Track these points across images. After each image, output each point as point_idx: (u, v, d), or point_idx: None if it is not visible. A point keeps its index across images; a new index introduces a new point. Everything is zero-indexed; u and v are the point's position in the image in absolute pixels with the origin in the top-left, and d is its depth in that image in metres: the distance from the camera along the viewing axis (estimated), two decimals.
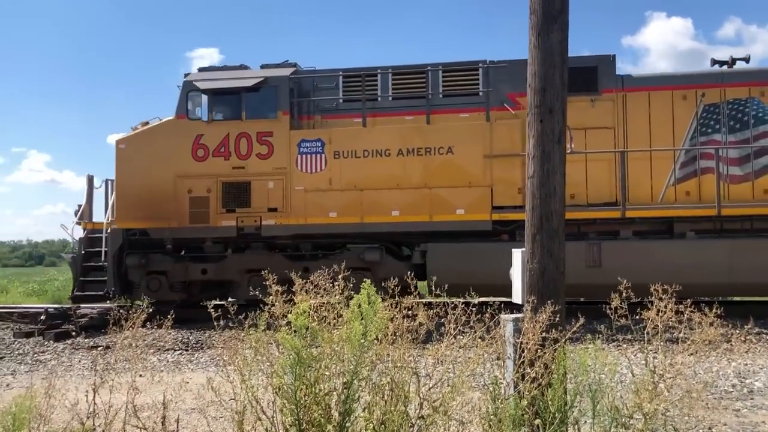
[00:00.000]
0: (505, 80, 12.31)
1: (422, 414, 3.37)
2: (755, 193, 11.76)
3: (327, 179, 12.49)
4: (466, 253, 11.81)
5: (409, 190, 12.20)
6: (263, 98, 12.85)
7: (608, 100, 12.19)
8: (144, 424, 3.71)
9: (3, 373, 9.36)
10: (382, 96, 12.90)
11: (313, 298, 3.45)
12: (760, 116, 11.95)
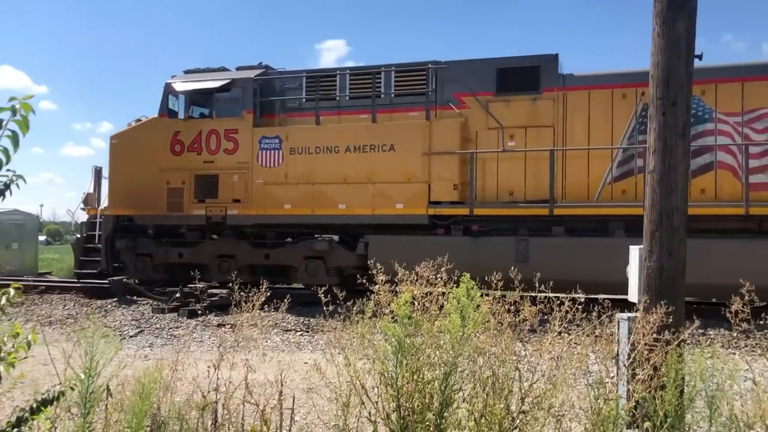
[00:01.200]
0: (452, 80, 12.92)
1: (523, 409, 3.37)
2: (692, 192, 11.01)
3: (283, 174, 13.51)
4: (403, 245, 12.09)
5: (355, 185, 12.95)
6: (230, 98, 14.08)
7: (549, 98, 12.42)
8: (259, 400, 3.94)
9: (142, 345, 10.17)
10: (340, 96, 13.72)
11: (417, 288, 3.53)
12: (699, 115, 11.68)
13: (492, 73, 12.77)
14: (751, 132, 11.53)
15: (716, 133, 11.70)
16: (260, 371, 4.47)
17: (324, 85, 13.80)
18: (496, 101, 12.71)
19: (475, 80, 12.83)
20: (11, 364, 2.47)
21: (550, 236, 12.06)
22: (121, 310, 12.95)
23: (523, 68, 12.55)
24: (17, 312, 12.22)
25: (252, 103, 13.88)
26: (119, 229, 14.85)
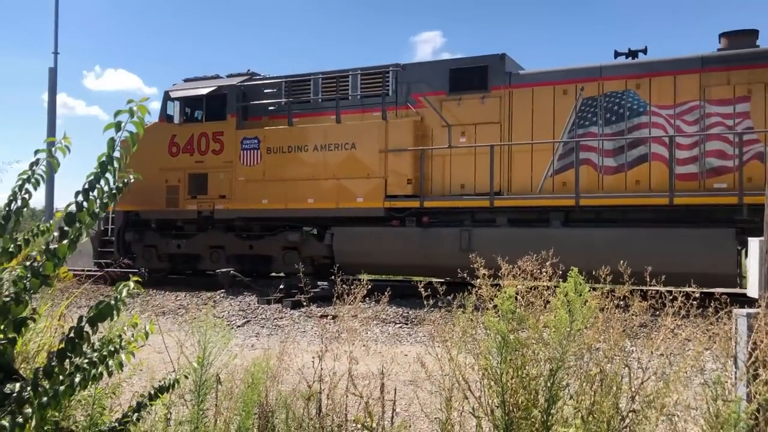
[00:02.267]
0: (410, 82, 13.98)
1: (634, 407, 3.24)
2: (627, 183, 12.11)
3: (261, 171, 14.90)
4: (363, 235, 13.69)
5: (322, 181, 14.12)
6: (217, 104, 15.66)
7: (496, 96, 13.15)
8: (362, 392, 3.98)
9: (249, 335, 10.54)
10: (313, 98, 15.03)
11: (520, 283, 3.46)
12: (635, 108, 12.21)
13: (445, 73, 13.64)
14: (683, 124, 11.96)
15: (650, 125, 12.13)
16: (362, 363, 4.53)
17: (298, 89, 15.21)
18: (449, 100, 13.56)
19: (430, 81, 13.79)
20: (131, 352, 2.61)
21: (492, 227, 12.80)
22: (228, 300, 13.47)
23: (473, 68, 13.40)
24: (133, 303, 12.96)
25: (235, 107, 15.46)
26: (129, 223, 16.63)
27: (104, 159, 2.56)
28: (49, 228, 2.70)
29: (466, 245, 12.29)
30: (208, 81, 16.36)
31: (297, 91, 15.15)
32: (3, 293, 2.34)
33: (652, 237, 11.42)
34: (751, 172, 11.20)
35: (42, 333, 4.31)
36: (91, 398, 3.43)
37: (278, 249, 14.94)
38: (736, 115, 11.62)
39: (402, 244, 13.46)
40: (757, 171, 11.21)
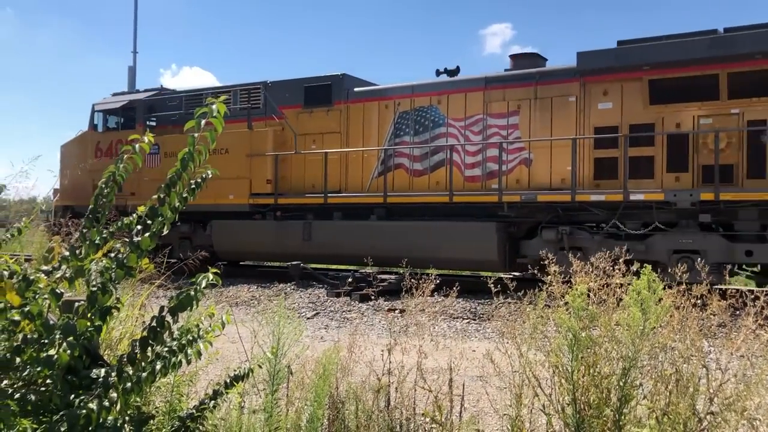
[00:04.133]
0: (276, 96, 16.42)
1: (712, 410, 3.14)
2: (430, 184, 14.57)
3: (161, 173, 16.32)
4: (234, 227, 16.28)
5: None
6: (129, 115, 18.59)
7: (337, 110, 15.77)
8: (431, 386, 4.00)
9: (318, 327, 10.71)
10: None
11: (592, 280, 3.40)
12: (436, 121, 14.66)
13: (301, 90, 16.32)
14: (471, 134, 14.26)
15: (447, 135, 14.53)
16: (431, 357, 4.54)
17: (192, 103, 17.62)
18: (304, 112, 16.21)
19: (290, 96, 16.42)
20: (209, 341, 2.70)
21: (327, 220, 15.18)
22: (298, 293, 13.71)
23: (321, 86, 16.05)
24: (209, 294, 13.35)
25: (142, 118, 18.37)
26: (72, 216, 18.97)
27: (185, 156, 2.66)
28: (133, 221, 2.83)
29: (307, 236, 15.00)
30: (127, 95, 19.74)
31: (192, 104, 17.73)
32: (91, 283, 2.47)
33: (443, 228, 13.81)
34: (518, 175, 13.75)
35: (124, 322, 4.51)
36: (170, 385, 3.57)
37: (176, 239, 16.90)
38: (509, 127, 13.89)
39: (262, 235, 16.02)
40: (523, 174, 13.72)
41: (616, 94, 12.86)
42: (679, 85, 12.30)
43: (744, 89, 11.76)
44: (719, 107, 11.98)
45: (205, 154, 2.74)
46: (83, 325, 2.39)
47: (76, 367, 2.40)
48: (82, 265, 2.60)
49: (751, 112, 11.75)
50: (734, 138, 11.77)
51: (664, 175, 12.35)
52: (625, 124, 12.70)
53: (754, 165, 11.68)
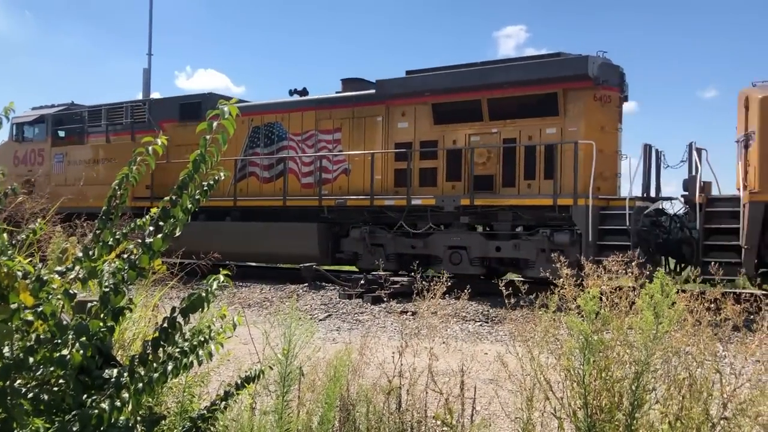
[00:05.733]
0: (158, 111, 18.90)
1: (725, 415, 3.11)
2: (275, 190, 16.79)
3: (64, 178, 19.68)
4: None
5: (99, 186, 17.02)
6: (41, 127, 21.02)
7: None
8: (442, 389, 4.00)
9: (330, 329, 10.72)
10: (103, 123, 19.94)
11: (604, 283, 3.39)
12: (280, 136, 17.14)
13: (177, 106, 18.65)
14: (306, 147, 16.74)
15: (288, 148, 16.99)
16: (442, 359, 4.53)
17: (94, 116, 20.05)
18: (180, 126, 17.88)
19: (168, 112, 18.73)
20: (220, 342, 2.71)
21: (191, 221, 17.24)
22: (311, 294, 13.73)
23: (192, 103, 18.21)
24: (221, 295, 13.41)
25: (51, 131, 20.63)
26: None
27: (197, 158, 2.67)
28: (145, 222, 2.85)
29: None
30: (41, 110, 21.59)
31: (93, 118, 20.12)
32: (104, 284, 2.48)
33: (278, 228, 16.12)
34: (341, 182, 16.10)
35: (136, 322, 4.54)
36: (181, 386, 3.59)
37: None
38: (334, 142, 16.34)
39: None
40: (344, 182, 16.05)
41: (410, 116, 15.36)
42: (454, 108, 14.69)
43: (499, 112, 14.19)
44: (483, 127, 14.44)
45: (217, 156, 2.75)
46: (96, 325, 2.40)
47: (88, 367, 2.42)
48: (95, 266, 2.62)
49: (506, 132, 14.20)
50: (493, 153, 14.20)
51: (444, 183, 14.79)
52: (417, 140, 15.25)
53: (508, 175, 14.09)
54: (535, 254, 13.29)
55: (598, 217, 12.69)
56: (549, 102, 13.59)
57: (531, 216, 13.58)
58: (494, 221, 14.16)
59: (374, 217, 15.44)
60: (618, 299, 3.33)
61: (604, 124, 13.74)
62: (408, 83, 15.13)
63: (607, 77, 13.57)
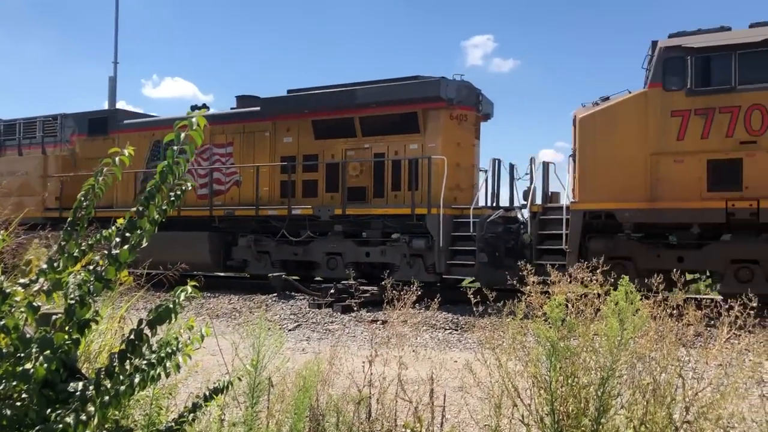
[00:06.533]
0: (69, 126, 19.92)
1: (687, 418, 3.18)
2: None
3: None
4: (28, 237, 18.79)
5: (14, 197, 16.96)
6: None
7: (111, 138, 18.81)
8: (411, 397, 4.01)
9: (300, 339, 10.68)
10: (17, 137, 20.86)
11: (569, 291, 3.44)
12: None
13: (86, 121, 19.63)
14: (201, 160, 17.51)
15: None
16: (412, 368, 4.55)
17: (10, 130, 20.96)
18: (89, 140, 19.37)
19: (78, 126, 19.80)
20: (188, 354, 2.69)
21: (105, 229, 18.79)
22: (280, 304, 13.65)
23: (100, 118, 19.56)
24: (189, 306, 13.26)
25: None
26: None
27: (164, 168, 2.66)
28: (111, 233, 2.82)
29: None
30: None
31: (8, 132, 21.08)
32: (69, 296, 2.45)
33: (175, 237, 15.52)
34: (233, 194, 17.15)
35: (103, 335, 4.47)
36: (149, 398, 3.55)
37: None
38: (227, 155, 17.28)
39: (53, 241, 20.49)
40: (236, 193, 17.13)
41: (294, 131, 16.51)
42: (331, 125, 15.82)
43: (370, 129, 15.40)
44: (357, 143, 15.69)
45: (184, 166, 2.73)
46: (60, 338, 2.37)
47: (53, 380, 2.38)
48: (60, 278, 2.58)
49: (376, 147, 15.44)
50: (365, 166, 15.47)
51: (324, 194, 15.87)
52: (300, 154, 16.36)
53: (378, 187, 15.31)
54: (399, 259, 14.62)
55: (451, 224, 14.14)
56: (411, 120, 14.92)
57: (396, 224, 14.74)
58: (367, 229, 15.24)
59: (262, 226, 16.49)
60: (584, 306, 3.39)
61: (460, 140, 15.24)
62: (290, 101, 16.40)
63: (462, 98, 14.97)
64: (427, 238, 14.18)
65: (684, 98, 11.56)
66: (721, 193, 11.20)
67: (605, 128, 12.17)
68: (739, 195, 11.10)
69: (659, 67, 11.82)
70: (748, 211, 11.04)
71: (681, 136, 11.50)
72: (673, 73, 11.71)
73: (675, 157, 11.54)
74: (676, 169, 11.52)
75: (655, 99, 11.79)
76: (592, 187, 12.20)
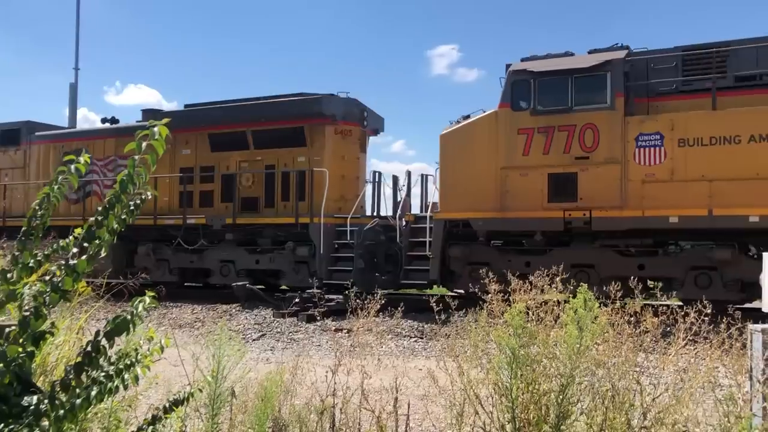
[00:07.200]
0: None
1: (645, 424, 3.24)
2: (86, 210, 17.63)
3: None
4: None
5: None
6: None
7: (23, 150, 19.78)
8: (375, 405, 4.01)
9: (264, 348, 10.59)
10: None
11: (531, 298, 3.48)
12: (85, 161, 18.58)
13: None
14: (107, 171, 18.14)
15: (93, 172, 18.16)
16: (376, 377, 4.55)
17: None
18: (0, 152, 19.90)
19: None
20: (147, 366, 2.65)
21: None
22: (244, 314, 13.52)
23: (12, 130, 19.98)
24: (150, 316, 13.05)
25: None
26: None
27: (124, 178, 2.62)
28: (69, 243, 2.77)
29: None
30: None
31: None
32: (23, 308, 2.40)
33: None
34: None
35: (61, 347, 4.38)
36: (107, 411, 3.48)
37: None
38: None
39: None
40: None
41: (192, 144, 17.14)
42: (226, 138, 16.61)
43: (262, 142, 16.20)
44: (250, 155, 16.53)
45: (145, 176, 2.70)
46: (14, 351, 2.32)
47: (6, 394, 2.33)
48: (15, 289, 2.53)
49: (268, 159, 16.24)
50: (257, 177, 16.28)
51: (219, 204, 16.53)
52: (198, 166, 17.05)
53: (269, 197, 16.08)
54: (287, 265, 15.50)
55: (334, 233, 15.24)
56: (298, 135, 15.87)
57: (284, 233, 15.56)
58: (259, 237, 16.06)
59: (162, 235, 17.06)
60: (544, 314, 3.43)
61: (345, 153, 16.28)
62: (188, 115, 17.11)
63: (346, 114, 16.12)
64: (310, 246, 15.02)
65: (529, 117, 12.54)
66: (559, 203, 12.17)
67: (463, 144, 13.18)
68: (575, 205, 12.06)
69: (508, 88, 12.81)
70: (582, 220, 12.01)
71: (526, 151, 12.52)
72: (519, 94, 12.72)
73: (521, 171, 12.55)
74: (522, 181, 12.52)
75: (504, 118, 12.76)
76: (452, 198, 13.23)
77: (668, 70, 12.02)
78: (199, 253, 16.63)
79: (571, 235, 12.53)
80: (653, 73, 12.09)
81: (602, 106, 11.99)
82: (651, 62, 12.15)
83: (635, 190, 11.62)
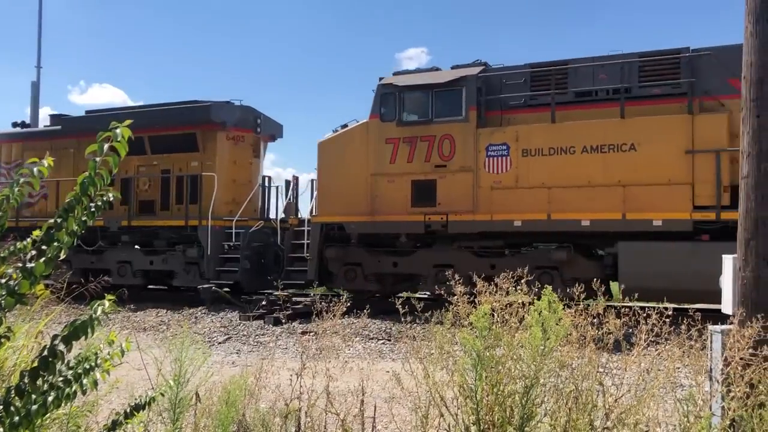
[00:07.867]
0: None
1: (607, 425, 3.27)
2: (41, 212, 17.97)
3: None
4: None
5: None
6: None
7: None
8: (340, 408, 3.99)
9: (230, 352, 10.48)
10: None
11: (496, 300, 3.50)
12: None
13: None
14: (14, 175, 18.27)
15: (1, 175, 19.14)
16: (342, 380, 4.53)
17: None
18: None
19: None
20: (107, 370, 2.60)
21: None
22: (210, 317, 13.39)
23: None
24: (114, 319, 12.84)
25: None
26: None
27: (85, 180, 2.57)
28: (27, 246, 2.70)
29: None
30: None
31: None
32: None
33: None
34: (41, 206, 18.21)
35: (20, 351, 4.28)
36: (66, 416, 3.41)
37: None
38: None
39: None
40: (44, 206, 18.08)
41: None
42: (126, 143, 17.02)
43: (158, 147, 16.92)
44: (147, 160, 17.23)
45: (106, 178, 2.65)
46: None
47: None
48: None
49: (163, 164, 17.04)
50: (154, 181, 17.04)
51: (119, 207, 16.78)
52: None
53: (165, 200, 16.82)
54: (179, 266, 16.23)
55: (223, 235, 15.97)
56: (191, 141, 16.66)
57: (177, 235, 16.26)
58: (155, 239, 16.73)
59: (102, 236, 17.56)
60: (509, 316, 3.45)
61: (236, 158, 17.13)
62: (87, 121, 17.59)
63: (237, 121, 16.90)
64: (200, 247, 15.75)
65: (395, 128, 13.45)
66: (421, 208, 13.11)
67: (338, 152, 14.04)
68: (434, 210, 13.01)
69: (378, 100, 13.69)
70: (440, 223, 12.95)
71: (393, 160, 13.43)
72: (387, 106, 13.60)
73: (388, 177, 13.47)
74: (389, 187, 13.44)
75: (374, 128, 13.66)
76: (328, 202, 14.12)
77: (519, 85, 12.95)
78: (99, 254, 17.20)
79: (434, 238, 13.38)
80: (506, 88, 12.97)
81: (457, 118, 12.95)
82: (504, 78, 13.10)
83: (485, 196, 12.62)
